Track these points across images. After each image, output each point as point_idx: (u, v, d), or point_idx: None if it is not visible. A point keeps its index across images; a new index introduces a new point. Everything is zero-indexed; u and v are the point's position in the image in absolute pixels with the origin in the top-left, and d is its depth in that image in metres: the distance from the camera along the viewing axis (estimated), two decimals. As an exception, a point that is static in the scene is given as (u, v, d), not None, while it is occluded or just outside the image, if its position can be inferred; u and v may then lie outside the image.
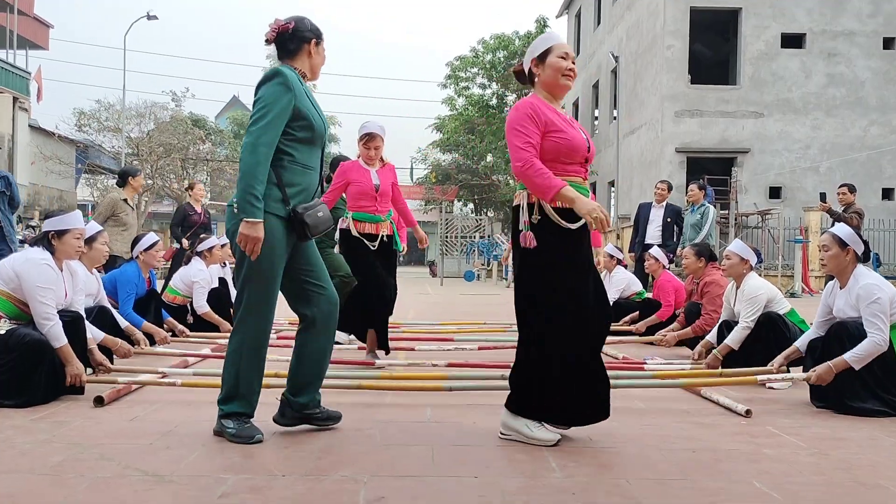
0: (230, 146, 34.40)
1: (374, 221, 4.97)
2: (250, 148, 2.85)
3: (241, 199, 2.85)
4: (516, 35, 26.00)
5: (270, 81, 2.94)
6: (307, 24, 3.10)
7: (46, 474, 2.52)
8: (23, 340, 3.54)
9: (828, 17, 20.00)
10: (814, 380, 3.69)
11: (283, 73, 2.95)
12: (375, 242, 4.95)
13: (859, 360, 3.57)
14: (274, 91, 2.91)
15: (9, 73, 20.97)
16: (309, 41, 3.10)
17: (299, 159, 3.02)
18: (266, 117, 2.88)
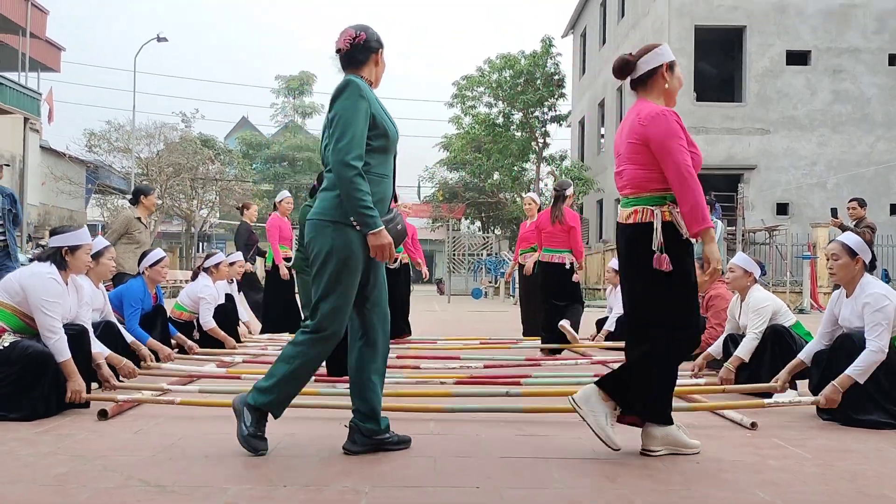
0: (239, 166, 34.64)
1: None
2: (341, 165, 2.83)
3: (357, 214, 2.84)
4: (522, 55, 26.11)
5: (344, 94, 2.92)
6: (375, 35, 3.08)
7: (49, 485, 2.53)
8: (25, 353, 3.56)
9: (833, 34, 20.06)
10: (823, 404, 3.67)
11: (356, 83, 2.93)
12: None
13: (862, 372, 3.55)
14: (350, 103, 2.89)
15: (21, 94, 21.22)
16: (376, 51, 3.08)
17: (375, 168, 2.97)
18: (349, 131, 2.85)
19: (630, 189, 3.07)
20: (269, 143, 38.53)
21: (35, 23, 24.11)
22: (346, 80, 2.95)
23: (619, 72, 3.18)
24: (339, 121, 2.88)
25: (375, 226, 2.84)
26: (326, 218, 2.93)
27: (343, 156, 2.84)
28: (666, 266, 2.92)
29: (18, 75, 23.21)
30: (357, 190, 2.83)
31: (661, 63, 3.09)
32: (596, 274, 22.74)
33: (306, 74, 40.46)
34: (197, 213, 31.65)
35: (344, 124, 2.87)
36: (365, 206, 2.83)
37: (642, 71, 3.11)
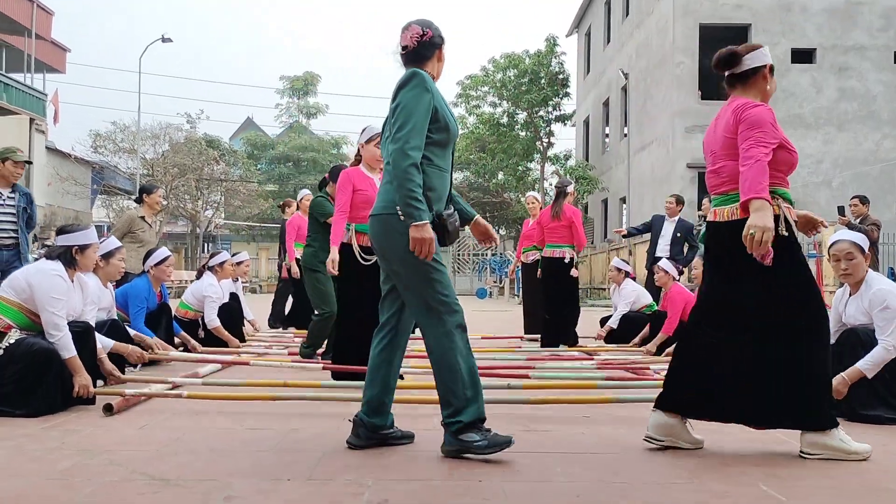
0: (244, 167, 34.72)
1: None
2: (400, 154, 2.81)
3: (404, 204, 2.80)
4: (526, 54, 26.14)
5: (409, 84, 2.90)
6: (438, 30, 3.07)
7: (55, 479, 2.54)
8: (31, 350, 3.58)
9: (838, 32, 20.00)
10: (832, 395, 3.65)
11: (421, 75, 2.92)
12: (373, 257, 4.45)
13: (872, 367, 3.54)
14: (414, 94, 2.88)
15: (26, 95, 21.33)
16: (440, 47, 3.07)
17: (436, 161, 2.96)
18: (410, 121, 2.84)
19: (733, 185, 2.97)
20: (274, 144, 38.60)
21: (40, 24, 24.22)
22: (412, 71, 2.94)
23: (725, 63, 3.08)
24: (402, 111, 2.86)
25: (420, 218, 2.80)
26: (394, 211, 2.88)
27: (401, 144, 2.82)
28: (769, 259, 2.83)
29: (24, 76, 23.33)
30: (409, 180, 2.80)
31: (765, 63, 3.06)
32: (601, 273, 22.72)
33: (310, 75, 40.51)
34: (202, 214, 31.74)
35: (406, 114, 2.85)
36: (413, 196, 2.80)
37: (746, 67, 3.06)
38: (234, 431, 3.33)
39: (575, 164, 26.24)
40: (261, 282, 30.73)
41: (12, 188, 5.67)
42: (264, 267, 32.34)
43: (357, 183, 4.68)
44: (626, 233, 9.58)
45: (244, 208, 33.93)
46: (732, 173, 2.98)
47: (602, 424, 3.56)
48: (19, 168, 5.66)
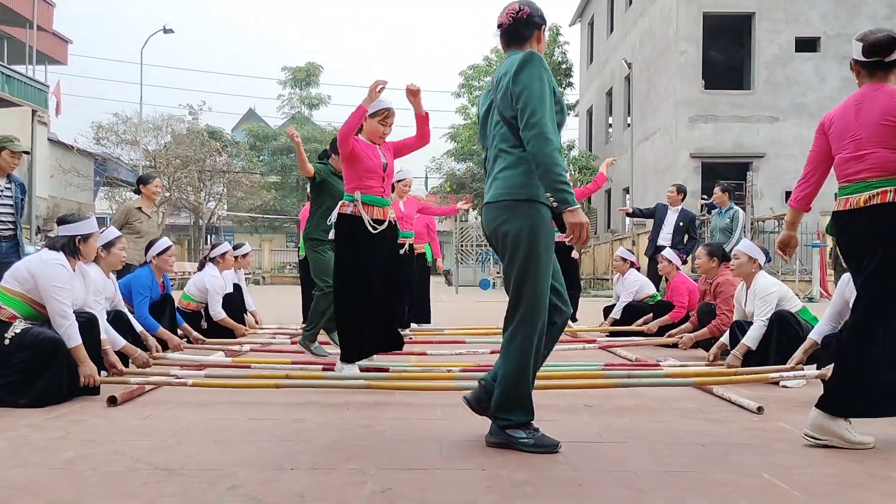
0: (246, 158, 34.69)
1: (382, 205, 4.47)
2: (541, 139, 2.72)
3: (556, 190, 2.72)
4: (529, 43, 26.03)
5: (529, 66, 2.81)
6: (538, 10, 2.99)
7: (59, 468, 2.56)
8: (37, 339, 3.60)
9: (843, 21, 19.89)
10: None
11: (538, 56, 2.84)
12: (383, 226, 4.42)
13: None
14: (537, 76, 2.79)
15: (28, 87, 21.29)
16: (539, 27, 2.98)
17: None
18: (542, 105, 2.76)
19: (878, 172, 2.92)
20: (277, 135, 38.54)
21: (42, 15, 24.17)
22: (529, 53, 2.84)
23: (886, 49, 2.96)
24: (530, 96, 2.76)
25: (573, 203, 2.71)
26: (519, 197, 2.82)
27: (541, 129, 2.72)
28: None
29: (26, 68, 23.30)
30: (557, 165, 2.72)
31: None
32: (605, 263, 22.70)
33: (313, 65, 40.34)
34: (205, 206, 31.74)
35: (536, 98, 2.76)
36: (564, 181, 2.72)
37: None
38: (238, 421, 3.34)
39: (578, 154, 26.18)
40: (264, 273, 30.77)
41: (8, 178, 5.63)
42: (267, 258, 32.36)
43: (359, 148, 4.42)
44: (631, 211, 9.52)
45: (247, 199, 33.92)
46: (882, 161, 2.91)
47: (605, 413, 3.56)
48: (16, 158, 5.61)
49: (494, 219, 2.89)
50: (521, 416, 2.84)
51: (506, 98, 2.86)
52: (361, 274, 4.33)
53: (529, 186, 2.82)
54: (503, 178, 2.87)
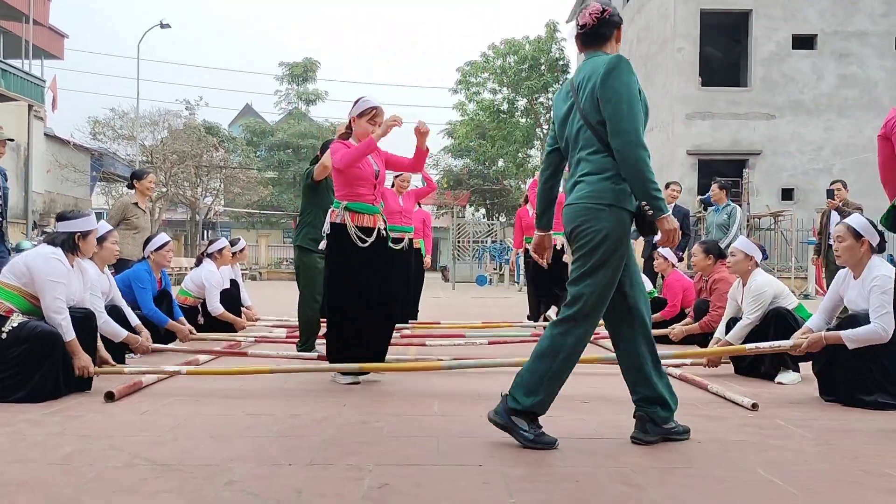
0: (243, 153, 34.62)
1: (373, 213, 4.28)
2: (631, 146, 2.73)
3: (649, 197, 2.74)
4: (527, 40, 26.01)
5: (617, 70, 2.80)
6: (615, 9, 3.00)
7: (57, 464, 2.56)
8: (34, 332, 3.61)
9: (840, 18, 19.90)
10: (804, 346, 3.71)
11: (626, 61, 2.84)
12: (371, 238, 4.21)
13: (855, 340, 3.58)
14: (627, 80, 2.79)
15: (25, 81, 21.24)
16: (618, 27, 2.98)
17: None
18: (631, 110, 2.76)
19: None
20: (274, 131, 38.45)
21: (38, 9, 24.08)
22: (617, 57, 2.84)
23: None
24: (620, 100, 2.76)
25: (666, 209, 2.75)
26: (603, 202, 2.81)
27: (631, 136, 2.73)
28: None
29: (22, 63, 23.23)
30: (649, 171, 2.73)
31: None
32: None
33: (310, 61, 40.22)
34: (201, 201, 31.68)
35: (625, 105, 2.76)
36: (657, 188, 2.74)
37: None
38: (235, 417, 3.34)
39: (575, 151, 26.14)
40: (260, 269, 30.74)
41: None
42: (264, 254, 32.34)
43: None
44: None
45: (244, 195, 33.85)
46: None
47: (602, 410, 3.58)
48: (1, 146, 5.56)
49: (575, 219, 2.88)
50: (532, 405, 2.82)
51: (592, 102, 2.84)
52: (352, 285, 4.17)
53: (613, 192, 2.81)
54: (588, 181, 2.86)
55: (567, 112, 2.98)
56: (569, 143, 2.99)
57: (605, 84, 2.80)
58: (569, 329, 2.84)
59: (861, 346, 3.57)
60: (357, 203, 4.22)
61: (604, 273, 2.82)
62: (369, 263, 4.19)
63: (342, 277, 4.18)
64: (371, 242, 4.18)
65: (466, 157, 33.27)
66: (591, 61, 2.92)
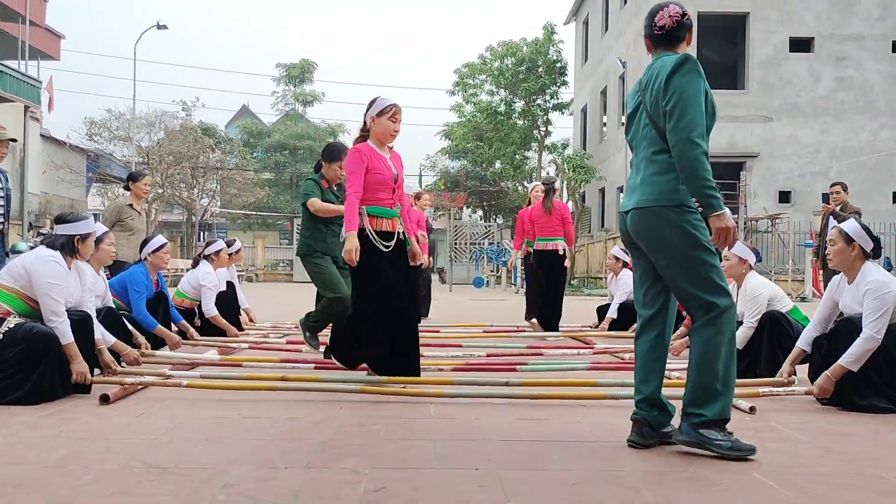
0: (240, 155, 34.60)
1: (391, 217, 4.20)
2: (687, 143, 2.71)
3: (701, 195, 2.72)
4: (524, 42, 26.02)
5: (683, 69, 2.79)
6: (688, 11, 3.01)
7: (53, 466, 2.55)
8: (30, 333, 3.61)
9: (836, 21, 19.97)
10: (817, 394, 3.69)
11: (694, 60, 2.82)
12: (391, 242, 4.16)
13: (855, 360, 3.56)
14: (691, 80, 2.78)
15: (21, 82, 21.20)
16: (690, 28, 2.98)
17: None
18: (691, 108, 2.74)
19: None
20: (270, 132, 38.45)
21: (34, 10, 24.06)
22: (684, 56, 2.83)
23: None
24: (680, 98, 2.75)
25: (720, 207, 2.72)
26: (670, 203, 2.80)
27: (688, 133, 2.72)
28: None
29: (18, 63, 23.19)
30: (703, 169, 2.71)
31: None
32: (598, 262, 22.75)
33: (307, 62, 40.21)
34: (198, 202, 31.65)
35: (685, 102, 2.74)
36: (710, 186, 2.72)
37: None
38: (232, 419, 3.34)
39: (572, 153, 26.19)
40: (257, 270, 30.72)
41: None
42: (261, 256, 32.32)
43: (371, 162, 4.15)
44: None
45: (240, 196, 33.83)
46: None
47: (598, 413, 3.58)
48: (3, 147, 5.54)
49: (643, 223, 2.87)
50: (716, 412, 2.76)
51: (657, 101, 2.84)
52: (374, 286, 4.11)
53: (679, 192, 2.80)
54: (653, 182, 2.85)
55: (634, 110, 2.99)
56: (635, 141, 2.98)
57: (669, 80, 2.80)
58: (710, 331, 2.79)
59: (864, 360, 3.56)
60: (376, 207, 4.15)
61: (698, 266, 2.78)
62: (391, 266, 4.15)
63: (366, 279, 4.12)
64: (392, 246, 4.16)
65: (464, 158, 33.27)
66: (660, 60, 2.91)
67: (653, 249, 2.87)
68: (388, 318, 4.11)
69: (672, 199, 2.80)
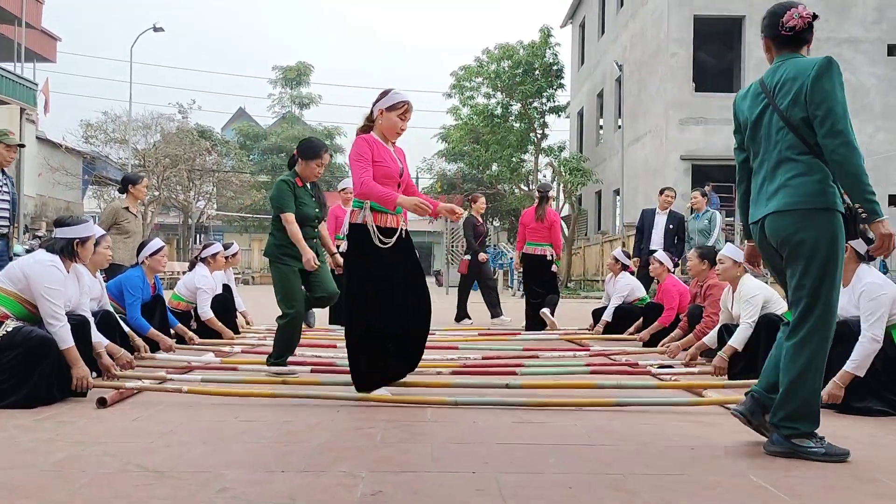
0: (236, 157, 34.57)
1: (396, 213, 3.97)
2: (848, 147, 2.71)
3: (865, 201, 2.71)
4: (521, 45, 26.03)
5: (829, 73, 2.78)
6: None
7: (49, 470, 2.55)
8: (28, 337, 3.60)
9: (832, 25, 20.02)
10: (826, 399, 3.68)
11: (836, 63, 2.82)
12: (391, 239, 3.92)
13: (859, 365, 3.56)
14: (840, 82, 2.78)
15: (17, 84, 21.14)
16: (813, 31, 2.98)
17: None
18: (845, 113, 2.75)
19: None
20: (267, 134, 38.44)
21: (30, 12, 24.00)
22: (827, 60, 2.81)
23: None
24: (833, 104, 2.75)
25: (882, 213, 2.71)
26: (817, 205, 2.77)
27: (846, 138, 2.71)
28: None
29: (14, 65, 23.12)
30: (865, 174, 2.71)
31: None
32: (594, 265, 22.76)
33: (303, 65, 40.22)
34: (194, 205, 31.61)
35: (840, 107, 2.75)
36: (871, 191, 2.71)
37: None
38: (228, 423, 3.34)
39: (569, 156, 26.20)
40: (253, 273, 30.67)
41: (2, 173, 5.56)
42: (257, 258, 32.26)
43: (375, 152, 3.92)
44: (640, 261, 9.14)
45: (236, 199, 33.80)
46: None
47: (595, 416, 3.58)
48: (12, 152, 5.54)
49: (788, 227, 2.83)
50: (808, 426, 2.80)
51: (797, 104, 2.81)
52: (374, 289, 3.87)
53: (826, 194, 2.79)
54: (795, 185, 2.82)
55: (761, 113, 2.95)
56: (762, 145, 2.95)
57: (817, 85, 2.78)
58: (812, 339, 2.81)
59: (868, 363, 3.57)
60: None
61: (831, 276, 2.79)
62: (392, 264, 3.90)
63: (364, 280, 3.87)
64: (393, 243, 3.91)
65: (460, 161, 33.26)
66: (791, 62, 2.89)
67: (794, 252, 2.84)
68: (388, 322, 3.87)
69: (820, 201, 2.79)
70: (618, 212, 24.79)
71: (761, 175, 2.96)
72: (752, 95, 3.01)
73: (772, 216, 2.88)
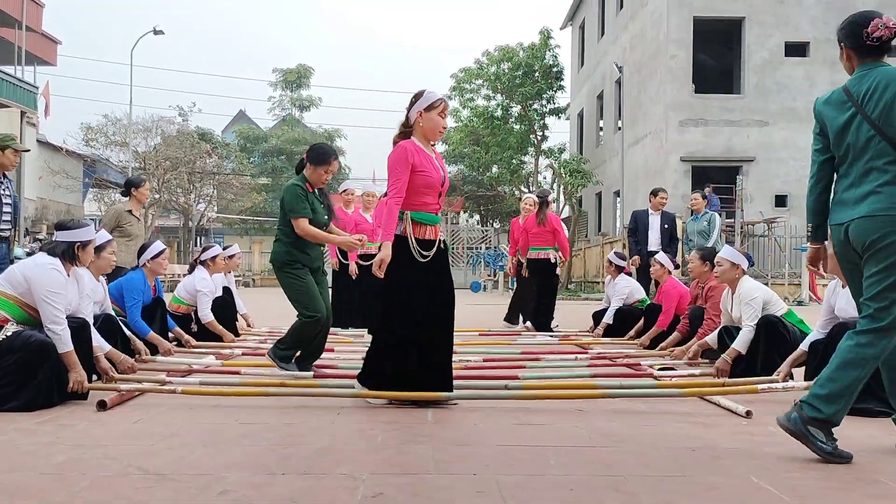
0: (236, 160, 34.60)
1: (434, 224, 3.87)
2: None
3: None
4: (521, 47, 26.06)
5: None
6: None
7: (49, 473, 2.55)
8: (27, 341, 3.59)
9: (832, 26, 19.98)
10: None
11: None
12: (430, 252, 3.82)
13: None
14: None
15: (17, 88, 21.18)
16: None
17: None
18: None
19: None
20: (267, 137, 38.48)
21: (31, 16, 24.04)
22: None
23: None
24: None
25: None
26: None
27: None
28: None
29: (14, 69, 23.16)
30: None
31: None
32: (595, 266, 22.76)
33: (304, 67, 40.26)
34: (194, 208, 31.64)
35: None
36: None
37: None
38: (229, 426, 3.34)
39: (569, 158, 26.22)
40: (254, 275, 30.68)
41: (4, 177, 5.57)
42: (257, 261, 32.28)
43: (417, 161, 3.78)
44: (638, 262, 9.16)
45: (237, 202, 33.84)
46: None
47: (596, 418, 3.58)
48: (16, 156, 5.57)
49: (878, 230, 2.82)
50: (833, 414, 2.80)
51: (890, 113, 2.81)
52: (409, 299, 3.78)
53: None
54: (888, 192, 2.82)
55: (848, 121, 2.94)
56: (851, 152, 2.94)
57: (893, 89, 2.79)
58: (874, 340, 2.81)
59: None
60: (421, 213, 3.82)
61: None
62: (429, 276, 3.83)
63: (401, 290, 3.80)
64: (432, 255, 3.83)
65: (460, 163, 33.30)
66: (881, 70, 2.89)
67: (881, 255, 2.83)
68: (419, 333, 3.78)
69: None
70: (618, 213, 24.79)
71: (848, 181, 2.96)
72: (836, 103, 3.00)
73: (860, 220, 2.87)
